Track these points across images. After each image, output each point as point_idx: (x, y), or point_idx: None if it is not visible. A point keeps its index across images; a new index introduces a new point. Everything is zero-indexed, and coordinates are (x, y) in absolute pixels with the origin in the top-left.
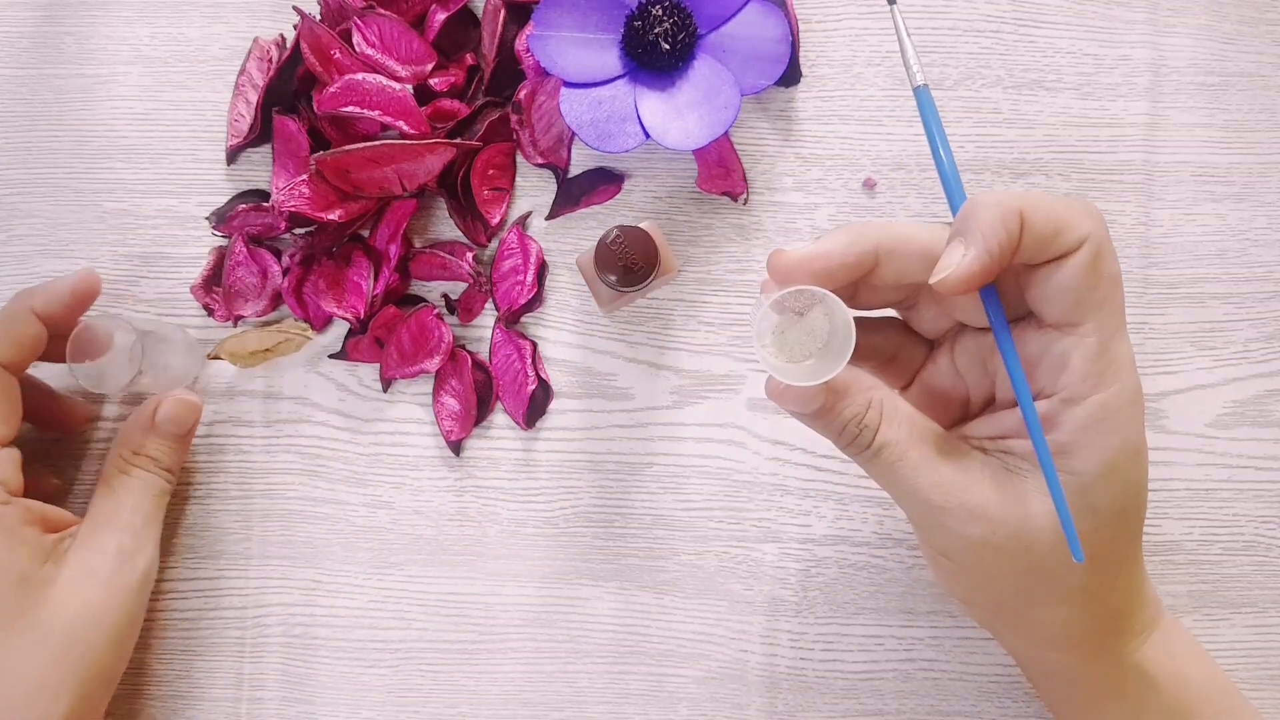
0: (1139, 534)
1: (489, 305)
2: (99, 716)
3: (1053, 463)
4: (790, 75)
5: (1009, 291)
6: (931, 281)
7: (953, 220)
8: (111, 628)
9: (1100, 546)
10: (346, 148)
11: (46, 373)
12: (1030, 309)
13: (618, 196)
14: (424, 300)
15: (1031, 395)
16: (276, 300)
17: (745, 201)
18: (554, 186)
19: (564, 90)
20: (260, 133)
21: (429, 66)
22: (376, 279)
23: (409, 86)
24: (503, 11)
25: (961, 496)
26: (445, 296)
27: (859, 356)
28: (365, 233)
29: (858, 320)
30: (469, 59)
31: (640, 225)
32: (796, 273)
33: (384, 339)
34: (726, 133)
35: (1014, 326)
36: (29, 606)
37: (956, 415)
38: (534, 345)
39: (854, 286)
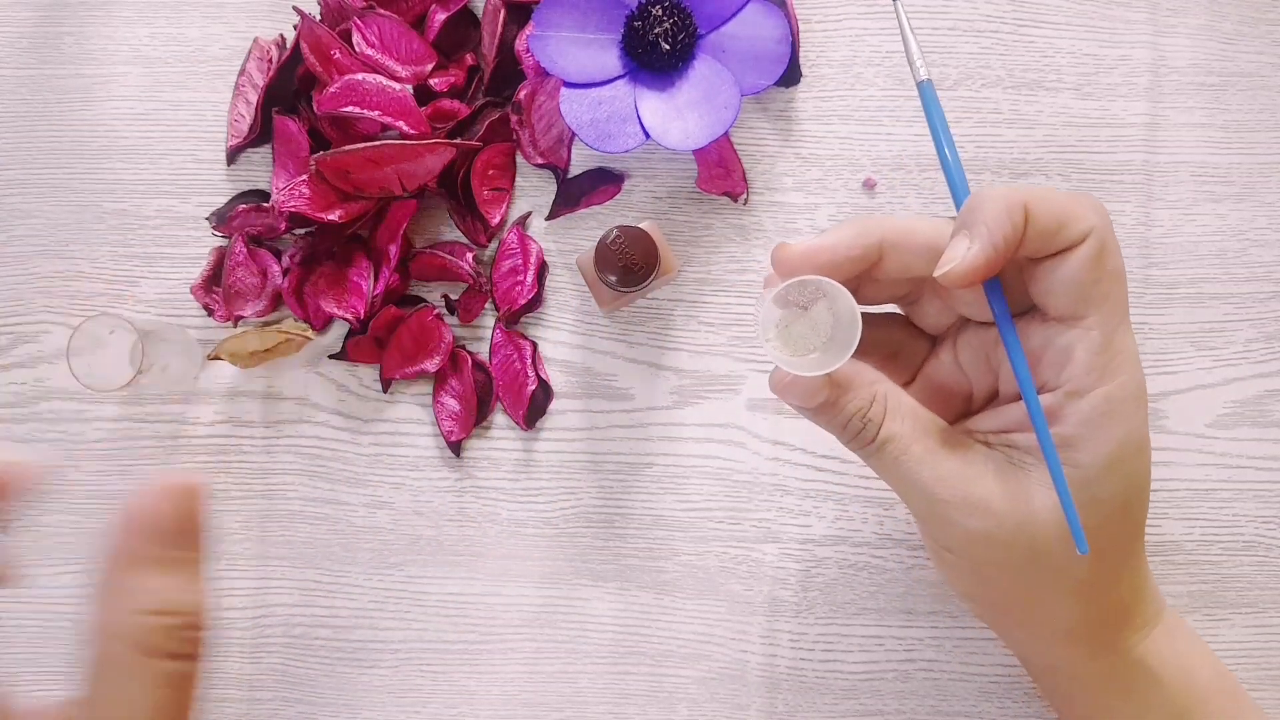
0: (1141, 528)
1: (489, 305)
2: None
3: (1057, 455)
4: (790, 75)
5: (1012, 285)
6: (936, 274)
7: (957, 214)
8: None
9: (1103, 540)
10: (346, 148)
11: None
12: (1034, 303)
13: (618, 196)
14: (424, 300)
15: (1035, 388)
16: (276, 300)
17: (745, 201)
18: (554, 186)
19: (564, 90)
20: (260, 133)
21: (429, 66)
22: (376, 279)
23: (409, 86)
24: (503, 11)
25: (965, 490)
26: (445, 297)
27: (862, 352)
28: (365, 233)
29: (862, 315)
30: (469, 59)
31: (640, 225)
32: (801, 266)
33: (384, 339)
34: (726, 133)
35: (1017, 320)
36: None
37: (959, 410)
38: (534, 345)
39: (857, 281)
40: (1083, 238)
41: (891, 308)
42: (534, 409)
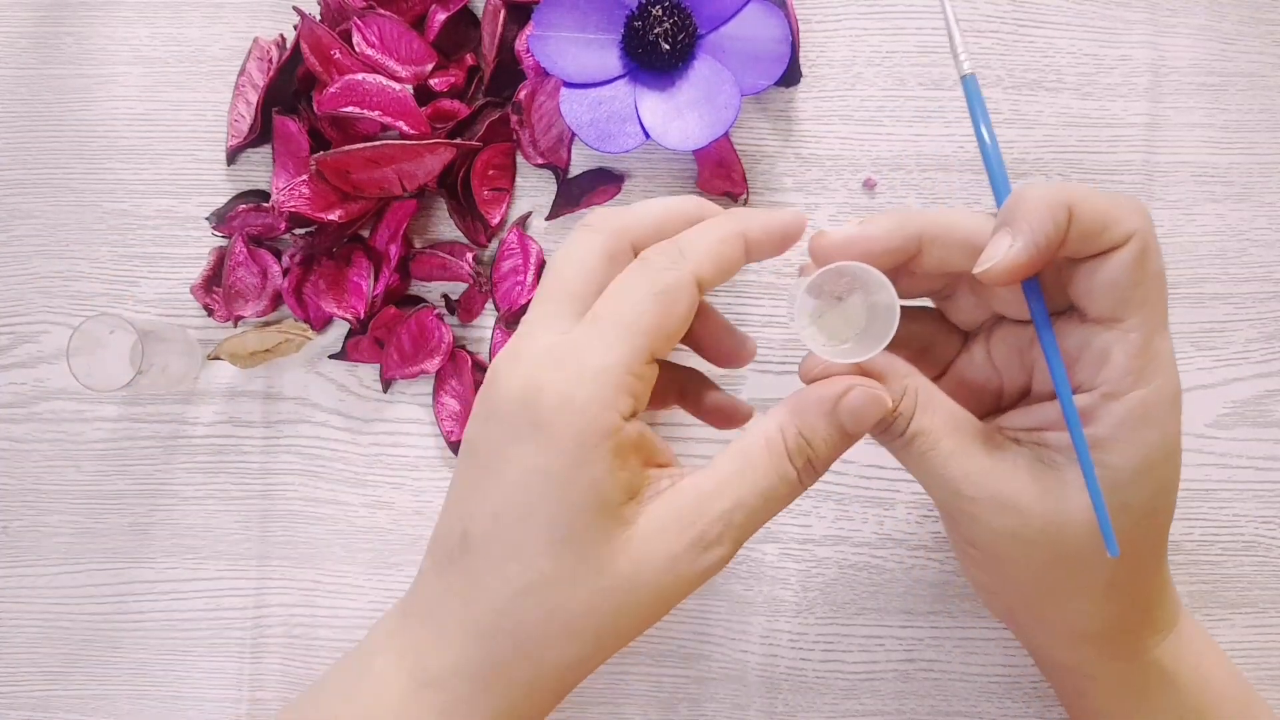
0: (1166, 532)
1: (489, 305)
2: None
3: (1090, 458)
4: (790, 75)
5: (1050, 285)
6: (975, 271)
7: (997, 211)
8: (642, 619)
9: (1130, 543)
10: (346, 148)
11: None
12: (1072, 303)
13: (618, 197)
14: (424, 300)
15: (1071, 389)
16: (276, 300)
17: (745, 201)
18: (554, 186)
19: (564, 90)
20: (260, 133)
21: (429, 66)
22: (376, 279)
23: (409, 87)
24: (503, 11)
25: (993, 487)
26: (445, 297)
27: (894, 345)
28: (365, 233)
29: None
30: (469, 59)
31: None
32: (838, 256)
33: (384, 339)
34: (726, 133)
35: (1054, 320)
36: (598, 541)
37: (989, 407)
38: None
39: (894, 274)
40: (1125, 239)
41: (925, 301)
42: None
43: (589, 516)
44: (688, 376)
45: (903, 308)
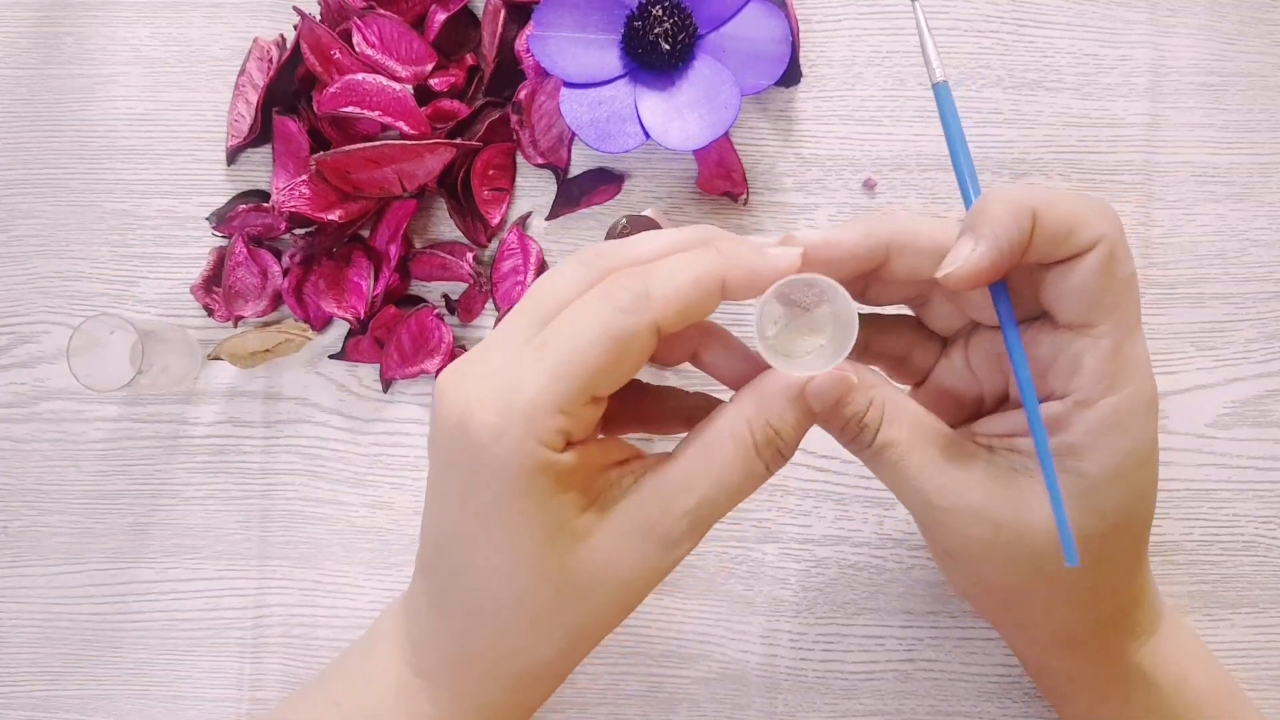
0: (1145, 539)
1: (489, 305)
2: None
3: (1053, 464)
4: (790, 75)
5: (1023, 291)
6: (938, 276)
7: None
8: (616, 615)
9: (1105, 549)
10: (346, 148)
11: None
12: (1044, 309)
13: (618, 197)
14: (424, 300)
15: (1038, 395)
16: (276, 300)
17: (745, 201)
18: (554, 186)
19: (564, 90)
20: (260, 133)
21: (429, 66)
22: (376, 279)
23: (409, 87)
24: (503, 11)
25: (965, 498)
26: (445, 297)
27: (871, 354)
28: (365, 233)
29: (872, 317)
30: (469, 59)
31: (644, 213)
32: (806, 264)
33: (384, 339)
34: (726, 133)
35: (1028, 326)
36: (554, 557)
37: (969, 413)
38: None
39: (865, 280)
40: (1091, 245)
41: (903, 309)
42: None
43: (537, 539)
44: (695, 402)
45: (881, 316)
